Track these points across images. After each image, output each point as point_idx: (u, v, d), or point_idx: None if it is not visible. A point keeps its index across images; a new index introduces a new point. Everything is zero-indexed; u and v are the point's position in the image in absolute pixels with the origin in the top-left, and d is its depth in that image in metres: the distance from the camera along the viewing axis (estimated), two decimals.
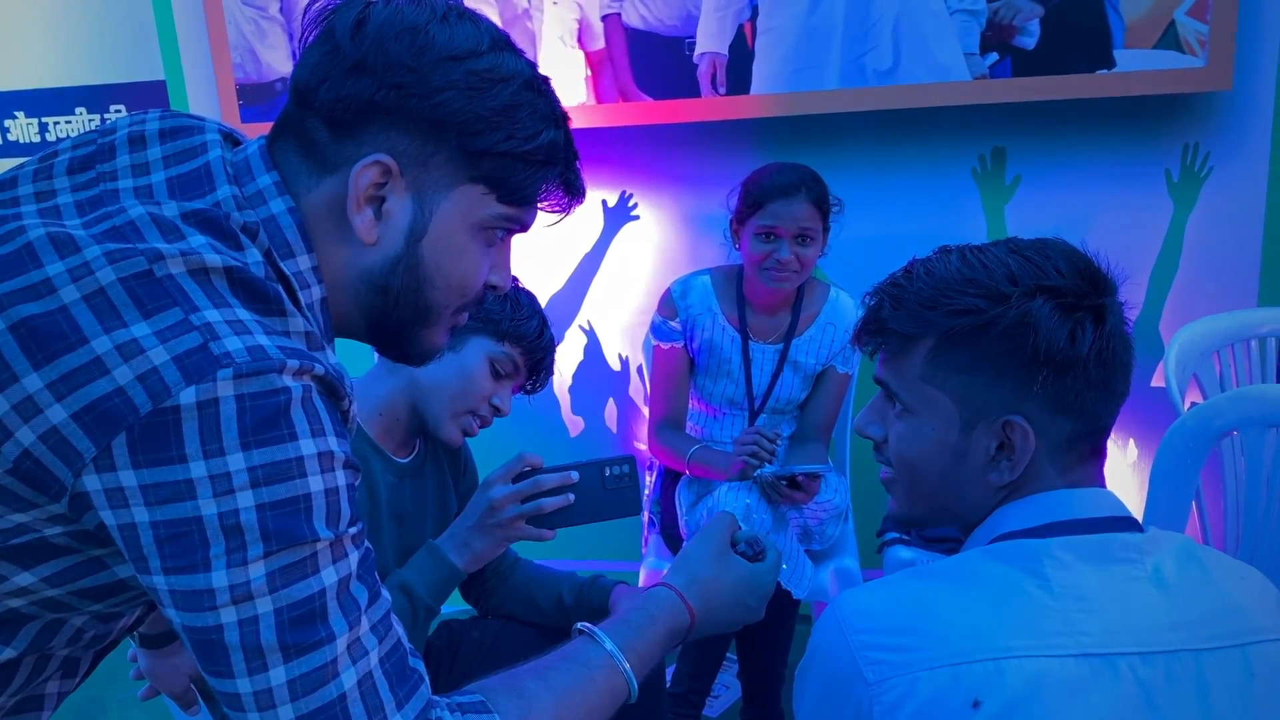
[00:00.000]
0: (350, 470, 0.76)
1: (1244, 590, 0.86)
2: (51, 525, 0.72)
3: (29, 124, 2.74)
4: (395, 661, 0.76)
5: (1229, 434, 1.62)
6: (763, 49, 2.40)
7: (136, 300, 0.68)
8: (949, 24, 2.31)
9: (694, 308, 2.11)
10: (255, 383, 0.68)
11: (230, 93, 2.59)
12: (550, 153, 0.85)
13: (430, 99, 0.79)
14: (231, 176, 0.79)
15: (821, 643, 0.86)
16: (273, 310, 0.74)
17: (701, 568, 1.02)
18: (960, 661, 0.78)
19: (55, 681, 0.87)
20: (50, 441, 0.67)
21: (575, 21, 2.46)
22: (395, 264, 0.83)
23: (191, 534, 0.68)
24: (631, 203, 2.65)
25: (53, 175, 0.79)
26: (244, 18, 2.56)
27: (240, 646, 0.70)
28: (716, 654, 2.03)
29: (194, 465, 0.67)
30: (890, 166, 2.50)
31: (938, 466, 0.92)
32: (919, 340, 0.90)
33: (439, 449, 1.54)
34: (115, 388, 0.66)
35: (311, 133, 0.82)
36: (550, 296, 2.71)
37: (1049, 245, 0.90)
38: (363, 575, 0.76)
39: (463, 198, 0.83)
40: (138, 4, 2.63)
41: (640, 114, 2.48)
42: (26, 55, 2.71)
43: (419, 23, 0.80)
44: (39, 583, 0.75)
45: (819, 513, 2.03)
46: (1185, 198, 2.41)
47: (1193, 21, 2.22)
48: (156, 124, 0.82)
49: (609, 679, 0.88)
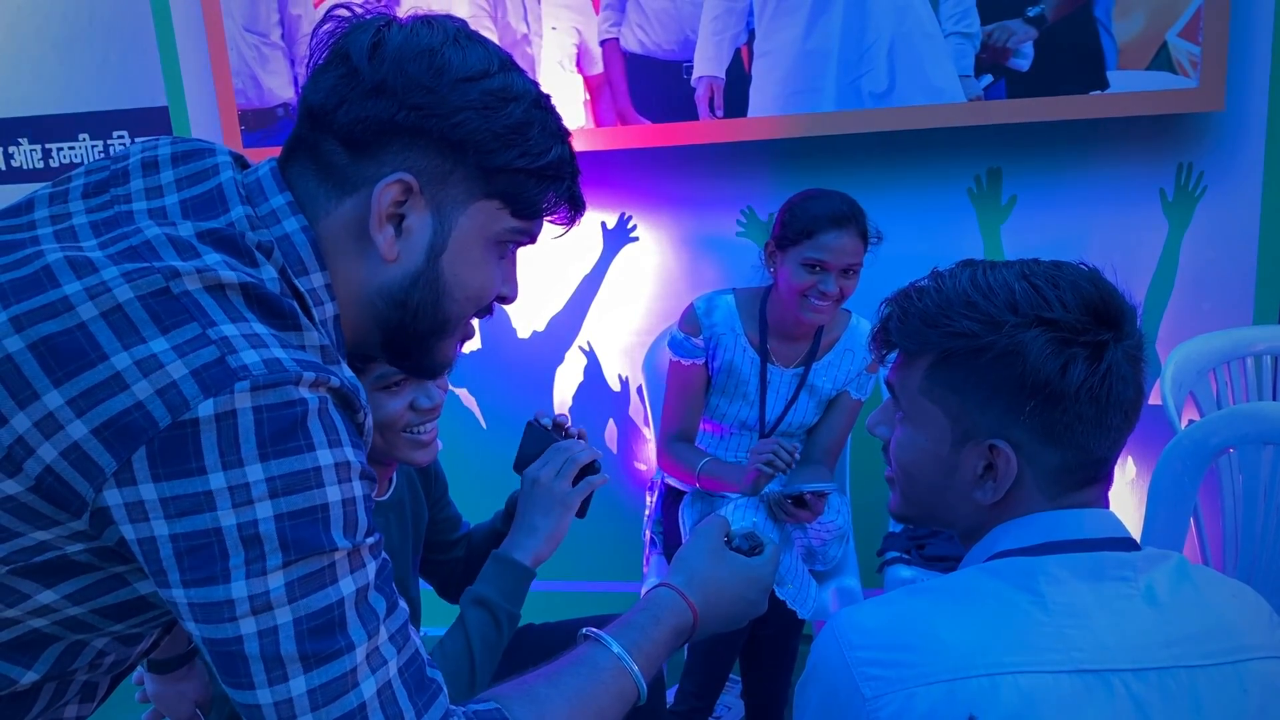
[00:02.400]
0: (367, 481, 0.77)
1: (1236, 609, 0.87)
2: (73, 542, 0.73)
3: (33, 149, 2.76)
4: (414, 671, 0.77)
5: (1226, 451, 1.63)
6: (760, 72, 2.42)
7: (154, 316, 0.70)
8: (944, 47, 2.33)
9: (718, 326, 2.08)
10: (272, 394, 0.70)
11: (232, 118, 2.61)
12: (559, 168, 0.88)
13: (449, 119, 0.81)
14: (245, 197, 0.81)
15: (820, 659, 0.87)
16: (289, 325, 0.76)
17: (700, 565, 1.02)
18: (956, 677, 0.79)
19: (74, 706, 0.87)
20: (71, 457, 0.68)
21: (574, 46, 2.49)
22: (416, 279, 0.85)
23: (211, 545, 0.69)
24: (631, 225, 2.66)
25: (68, 199, 0.80)
26: (245, 44, 2.58)
27: (260, 657, 0.70)
28: (720, 673, 2.03)
29: (213, 477, 0.68)
30: (887, 188, 2.51)
31: (929, 476, 0.93)
32: (920, 355, 0.92)
33: (415, 482, 1.53)
34: (135, 402, 0.67)
35: (328, 154, 0.83)
36: (550, 318, 2.73)
37: (1062, 273, 0.89)
38: (380, 586, 0.76)
39: (479, 213, 0.86)
40: (141, 31, 2.65)
41: (639, 137, 2.50)
42: (31, 81, 2.73)
43: (434, 45, 0.82)
44: (61, 600, 0.76)
45: (822, 533, 2.04)
46: (1180, 217, 2.43)
47: (1185, 43, 2.25)
48: (169, 149, 0.84)
49: (617, 680, 0.89)
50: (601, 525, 2.43)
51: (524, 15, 2.48)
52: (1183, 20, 2.23)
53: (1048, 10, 2.28)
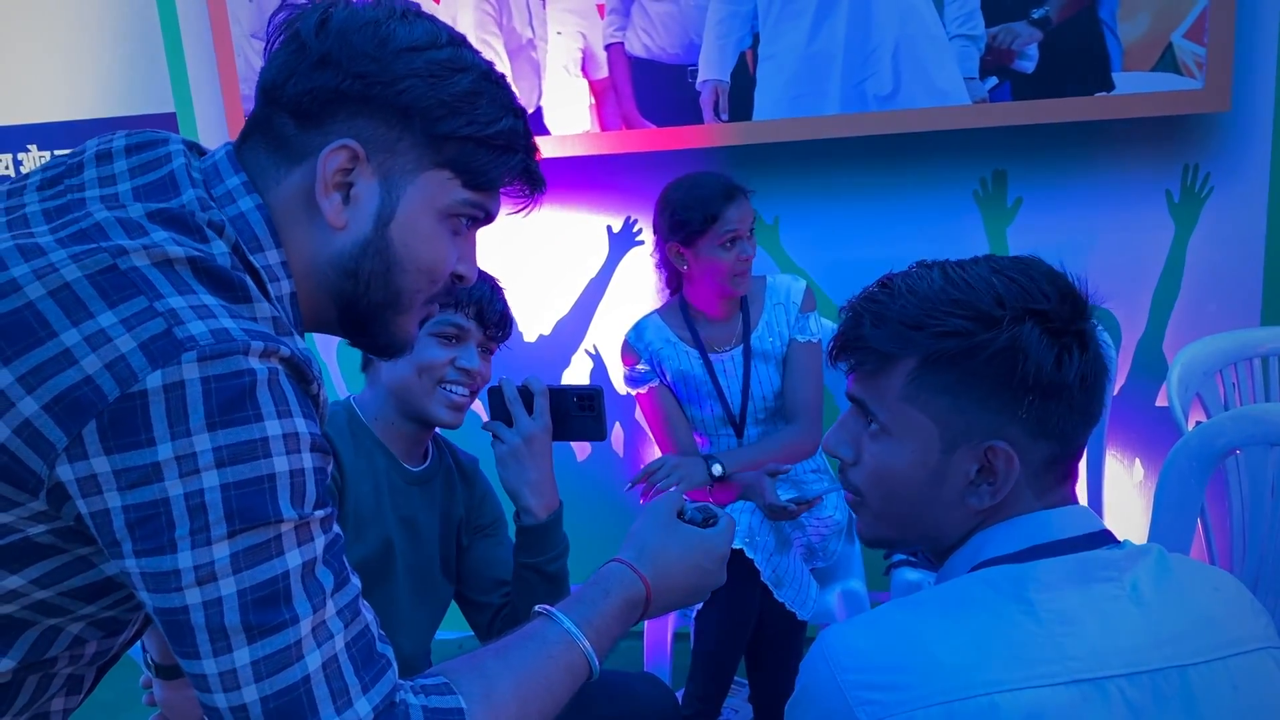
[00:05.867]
0: (319, 454, 0.77)
1: (1218, 601, 0.86)
2: (35, 524, 0.74)
3: (42, 156, 2.78)
4: (363, 646, 0.77)
5: (1232, 453, 1.63)
6: (764, 76, 2.43)
7: (102, 292, 0.71)
8: (948, 49, 2.34)
9: (653, 343, 2.19)
10: (220, 365, 0.70)
11: (239, 123, 2.60)
12: (510, 139, 0.88)
13: (393, 86, 0.83)
14: (199, 181, 0.82)
15: (811, 682, 0.84)
16: (239, 297, 0.77)
17: (650, 538, 1.02)
18: (953, 699, 0.77)
19: (60, 699, 0.88)
20: (24, 434, 0.69)
21: (579, 51, 2.50)
22: (365, 248, 0.86)
23: (160, 515, 0.70)
24: (636, 228, 2.67)
25: (24, 194, 0.82)
26: (252, 50, 2.60)
27: (205, 627, 0.71)
28: (724, 675, 2.03)
29: (161, 448, 0.69)
30: (892, 190, 2.52)
31: (913, 488, 0.90)
32: (900, 359, 0.88)
33: (455, 472, 1.57)
34: (84, 377, 0.68)
35: (279, 128, 0.85)
36: (556, 321, 2.74)
37: (1030, 265, 0.89)
38: (329, 560, 0.77)
39: (429, 182, 0.87)
40: (148, 39, 2.67)
41: (644, 141, 2.51)
42: (40, 89, 2.75)
43: (379, 18, 0.85)
44: (29, 585, 0.76)
45: (821, 529, 2.07)
46: (1186, 218, 2.43)
47: (1190, 44, 2.25)
48: (123, 140, 0.86)
49: (567, 654, 0.89)
50: (607, 529, 2.43)
51: (529, 20, 2.49)
52: (1188, 21, 2.24)
53: (1052, 12, 2.28)
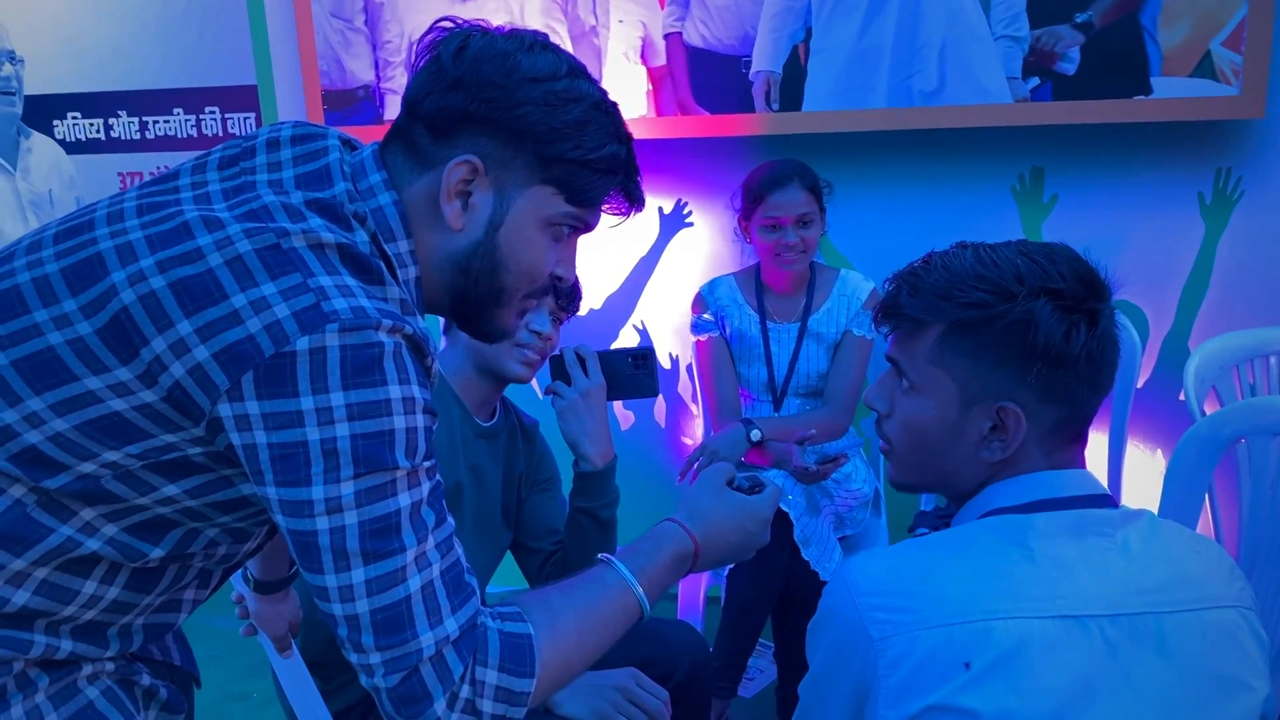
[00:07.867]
0: (429, 415, 0.91)
1: (1199, 562, 0.97)
2: (193, 445, 0.88)
3: (131, 122, 2.94)
4: (454, 575, 0.91)
5: (1239, 441, 1.72)
6: (815, 69, 2.53)
7: (266, 266, 0.85)
8: (993, 49, 2.42)
9: (721, 299, 2.34)
10: (356, 336, 0.84)
11: (316, 97, 2.77)
12: (612, 163, 1.01)
13: (513, 111, 0.96)
14: (348, 175, 0.97)
15: (831, 604, 0.97)
16: (374, 280, 0.92)
17: (701, 501, 1.13)
18: (954, 622, 0.88)
19: (191, 590, 1.04)
20: (195, 375, 0.84)
21: (639, 39, 2.61)
22: (476, 248, 1.00)
23: (299, 454, 0.84)
24: (686, 210, 2.78)
25: (206, 170, 0.97)
26: (331, 29, 2.73)
27: (330, 549, 0.85)
28: (751, 630, 2.16)
29: (304, 399, 0.83)
30: (934, 183, 2.61)
31: (935, 440, 1.02)
32: (930, 325, 1.00)
33: (518, 433, 1.72)
34: (247, 335, 0.83)
35: (416, 137, 0.99)
36: (606, 297, 2.86)
37: (1055, 250, 1.00)
38: (432, 502, 0.91)
39: (536, 196, 0.99)
40: (234, 14, 2.82)
41: (697, 127, 2.61)
42: (130, 59, 2.91)
43: (509, 50, 0.97)
44: (182, 493, 0.91)
45: (849, 500, 2.21)
46: (1217, 220, 2.49)
47: (1228, 52, 2.31)
48: (290, 131, 1.00)
49: (622, 597, 1.02)
50: (650, 498, 2.57)
51: (593, 8, 2.61)
52: (1227, 30, 2.30)
53: (1095, 16, 2.35)
